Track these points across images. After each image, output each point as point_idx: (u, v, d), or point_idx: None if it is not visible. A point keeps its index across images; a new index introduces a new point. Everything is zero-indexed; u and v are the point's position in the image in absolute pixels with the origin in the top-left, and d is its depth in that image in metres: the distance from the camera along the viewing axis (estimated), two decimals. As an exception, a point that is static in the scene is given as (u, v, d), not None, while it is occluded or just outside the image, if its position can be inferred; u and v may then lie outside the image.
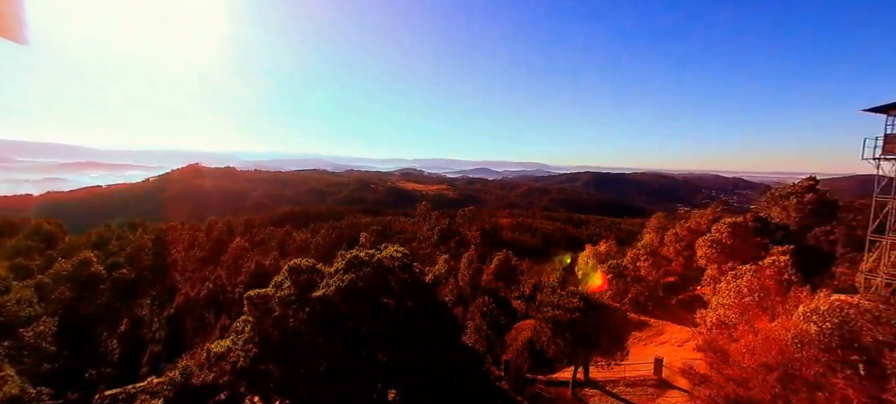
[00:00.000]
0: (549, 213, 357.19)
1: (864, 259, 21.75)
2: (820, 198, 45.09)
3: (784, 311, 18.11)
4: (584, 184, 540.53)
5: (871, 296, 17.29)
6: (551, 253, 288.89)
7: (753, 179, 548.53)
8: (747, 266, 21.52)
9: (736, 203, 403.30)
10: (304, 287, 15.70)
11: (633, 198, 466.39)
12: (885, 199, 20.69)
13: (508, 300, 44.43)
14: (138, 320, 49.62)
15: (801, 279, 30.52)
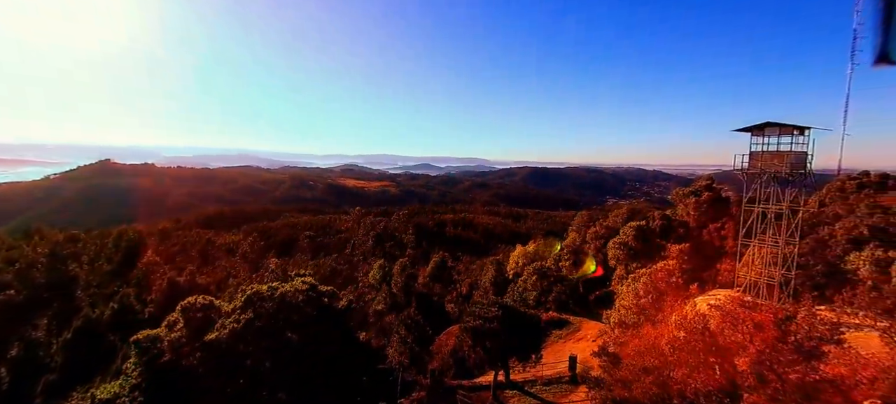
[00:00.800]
0: (490, 208, 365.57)
1: (737, 260, 25.01)
2: (714, 196, 50.57)
3: (672, 313, 20.25)
4: (523, 178, 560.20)
5: (736, 298, 19.93)
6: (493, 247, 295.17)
7: (670, 171, 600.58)
8: (644, 269, 23.72)
9: (656, 193, 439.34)
10: (199, 328, 14.88)
11: (569, 191, 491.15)
12: (750, 209, 23.90)
13: (442, 304, 45.29)
14: (32, 344, 44.37)
15: (689, 277, 34.29)
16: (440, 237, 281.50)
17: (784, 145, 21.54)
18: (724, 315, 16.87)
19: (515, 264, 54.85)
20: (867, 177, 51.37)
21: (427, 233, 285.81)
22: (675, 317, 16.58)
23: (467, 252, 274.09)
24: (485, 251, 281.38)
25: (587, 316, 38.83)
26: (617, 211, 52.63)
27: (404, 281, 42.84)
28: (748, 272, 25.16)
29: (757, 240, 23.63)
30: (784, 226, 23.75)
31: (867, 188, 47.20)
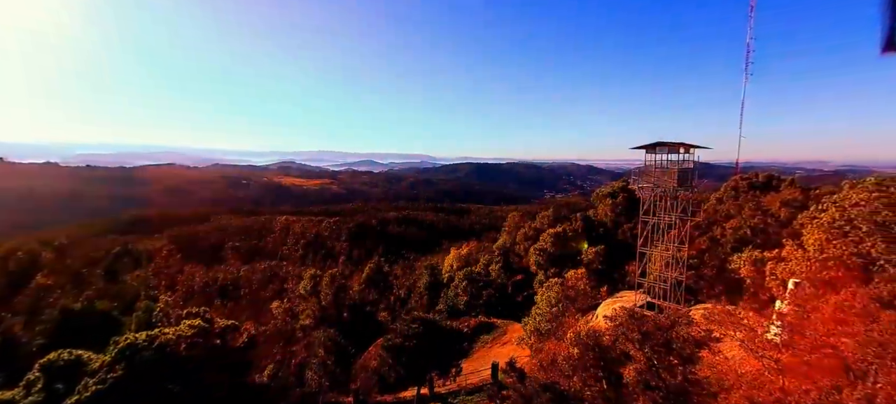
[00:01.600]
0: (434, 205, 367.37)
1: (638, 266, 27.15)
2: (630, 196, 54.41)
3: (573, 326, 21.36)
4: (466, 174, 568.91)
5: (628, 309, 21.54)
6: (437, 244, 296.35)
7: (601, 166, 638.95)
8: (556, 279, 24.85)
9: (588, 187, 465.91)
10: (59, 392, 13.17)
11: (510, 186, 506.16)
12: (646, 220, 26.04)
13: (375, 313, 44.71)
14: None
15: (602, 279, 36.61)
16: (384, 235, 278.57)
17: (673, 163, 23.64)
18: (616, 327, 18.10)
19: (450, 267, 55.49)
20: (756, 177, 57.56)
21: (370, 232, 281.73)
22: (571, 334, 17.58)
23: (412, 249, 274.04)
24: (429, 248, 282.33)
25: (514, 318, 40.24)
26: (544, 213, 54.81)
27: (334, 292, 41.72)
28: (649, 275, 27.35)
29: (653, 247, 25.71)
30: (676, 234, 26.06)
31: (756, 188, 52.91)
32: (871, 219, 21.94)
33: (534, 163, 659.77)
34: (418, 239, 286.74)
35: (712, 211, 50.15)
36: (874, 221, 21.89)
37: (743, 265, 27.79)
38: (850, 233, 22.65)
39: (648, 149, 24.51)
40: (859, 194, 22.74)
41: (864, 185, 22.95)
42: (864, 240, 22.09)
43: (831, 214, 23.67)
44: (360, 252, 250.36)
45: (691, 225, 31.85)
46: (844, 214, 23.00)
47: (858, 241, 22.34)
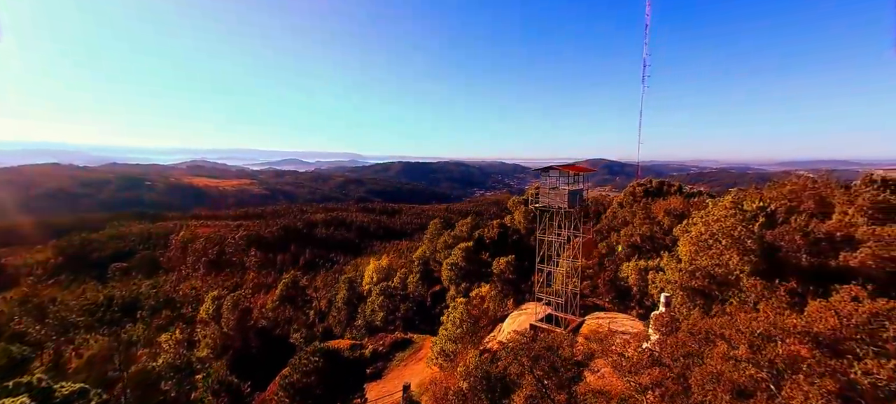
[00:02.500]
0: (364, 205, 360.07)
1: (535, 283, 28.58)
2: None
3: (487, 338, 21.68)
4: (397, 173, 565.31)
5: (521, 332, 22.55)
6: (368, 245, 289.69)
7: (526, 165, 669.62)
8: (461, 299, 25.13)
9: (515, 185, 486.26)
10: None
11: (441, 184, 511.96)
12: (542, 238, 27.48)
13: (287, 335, 42.30)
14: None
15: (511, 289, 38.02)
16: (310, 239, 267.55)
17: (563, 185, 25.15)
18: (508, 353, 18.63)
19: (370, 279, 54.32)
20: (650, 183, 63.22)
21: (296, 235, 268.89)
22: (461, 368, 17.86)
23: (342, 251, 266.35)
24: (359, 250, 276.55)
25: (433, 332, 40.42)
26: (463, 221, 55.83)
27: (238, 316, 38.64)
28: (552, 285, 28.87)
29: (551, 262, 27.12)
30: (571, 248, 27.74)
31: (649, 195, 58.05)
32: (728, 234, 24.95)
33: (464, 162, 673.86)
34: (348, 241, 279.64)
35: (612, 216, 54.29)
36: (731, 236, 24.91)
37: (631, 274, 30.30)
38: (713, 247, 25.57)
39: (541, 173, 25.85)
40: (719, 211, 25.75)
41: (723, 203, 26.05)
42: (724, 252, 25.07)
43: (698, 229, 26.53)
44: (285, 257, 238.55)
45: (583, 240, 34.02)
46: (709, 229, 25.89)
47: (719, 254, 25.30)
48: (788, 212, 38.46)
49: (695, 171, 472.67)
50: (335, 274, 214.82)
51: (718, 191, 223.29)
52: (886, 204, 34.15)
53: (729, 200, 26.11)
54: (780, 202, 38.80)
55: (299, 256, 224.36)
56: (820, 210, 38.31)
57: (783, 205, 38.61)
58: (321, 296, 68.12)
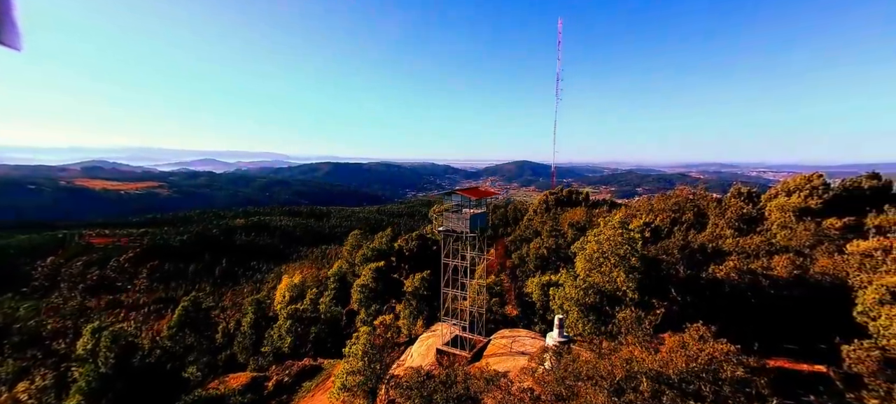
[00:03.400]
0: (290, 208, 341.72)
1: (442, 304, 28.32)
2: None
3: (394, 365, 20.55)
4: (325, 174, 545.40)
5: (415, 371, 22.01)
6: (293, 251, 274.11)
7: (457, 166, 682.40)
8: (365, 328, 23.90)
9: (446, 185, 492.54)
10: None
11: (372, 185, 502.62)
12: (447, 261, 27.30)
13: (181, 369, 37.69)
14: None
15: (422, 310, 37.51)
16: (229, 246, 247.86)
17: (466, 209, 25.08)
18: (402, 392, 17.81)
19: (282, 298, 50.85)
20: (561, 191, 66.32)
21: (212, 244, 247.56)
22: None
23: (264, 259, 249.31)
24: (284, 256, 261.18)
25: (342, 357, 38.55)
26: (382, 233, 54.32)
27: (119, 353, 33.73)
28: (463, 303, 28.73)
29: (456, 285, 26.93)
30: (485, 260, 27.81)
31: (561, 204, 60.78)
32: (616, 253, 26.41)
33: (395, 163, 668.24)
34: (271, 247, 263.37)
35: (527, 225, 56.05)
36: (618, 255, 26.39)
37: (534, 289, 31.13)
38: (603, 265, 26.93)
39: (445, 197, 25.60)
40: (608, 231, 27.20)
41: (612, 222, 27.59)
42: (613, 270, 26.49)
43: (592, 247, 27.83)
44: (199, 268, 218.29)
45: (494, 253, 34.39)
46: (600, 247, 27.24)
47: (609, 271, 26.70)
48: (673, 222, 42.18)
49: (608, 172, 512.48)
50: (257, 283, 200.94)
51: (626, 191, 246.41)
52: (748, 215, 38.70)
53: (617, 219, 27.67)
54: (667, 214, 42.47)
55: (215, 266, 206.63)
56: (699, 220, 42.56)
57: (669, 216, 42.28)
58: (230, 317, 62.76)
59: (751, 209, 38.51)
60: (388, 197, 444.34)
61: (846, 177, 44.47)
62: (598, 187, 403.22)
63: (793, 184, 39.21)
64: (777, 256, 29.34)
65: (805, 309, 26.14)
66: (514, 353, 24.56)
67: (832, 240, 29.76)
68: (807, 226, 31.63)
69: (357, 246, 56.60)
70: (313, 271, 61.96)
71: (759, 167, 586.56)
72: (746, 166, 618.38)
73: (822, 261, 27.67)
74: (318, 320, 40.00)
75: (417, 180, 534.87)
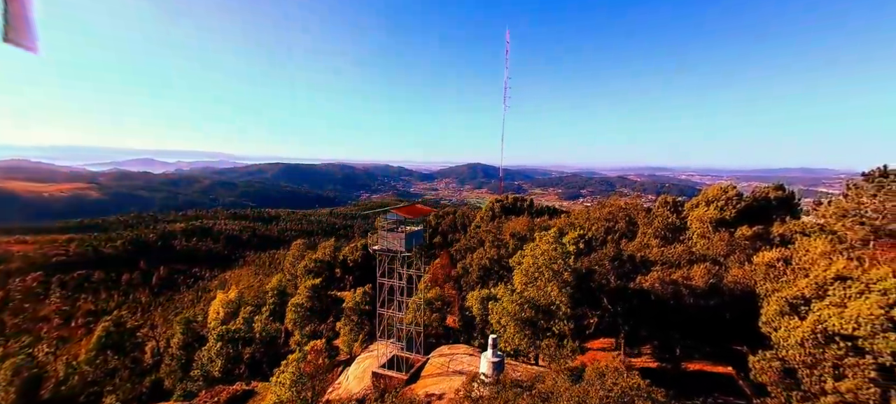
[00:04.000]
0: (236, 211, 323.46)
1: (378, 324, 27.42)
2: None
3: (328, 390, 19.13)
4: (275, 175, 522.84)
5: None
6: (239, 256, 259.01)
7: (411, 168, 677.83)
8: (295, 355, 22.40)
9: (401, 187, 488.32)
10: None
11: (324, 187, 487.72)
12: (382, 281, 26.41)
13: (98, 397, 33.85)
14: None
15: (362, 326, 36.24)
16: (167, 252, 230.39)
17: (403, 228, 24.32)
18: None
19: (216, 316, 47.22)
20: (507, 198, 67.06)
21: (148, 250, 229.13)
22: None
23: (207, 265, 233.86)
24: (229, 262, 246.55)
25: (277, 379, 36.24)
26: (325, 243, 52.20)
27: (21, 388, 29.42)
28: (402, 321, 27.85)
29: (392, 306, 26.06)
30: (430, 270, 27.12)
31: (506, 212, 61.32)
32: (550, 267, 26.65)
33: (349, 164, 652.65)
34: (215, 253, 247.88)
35: (473, 232, 56.01)
36: (552, 269, 26.64)
37: (474, 303, 30.85)
38: (538, 279, 27.10)
39: (380, 215, 24.71)
40: (543, 245, 27.43)
41: (547, 237, 27.87)
42: (546, 285, 26.71)
43: (528, 261, 27.93)
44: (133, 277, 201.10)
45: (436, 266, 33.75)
46: (535, 262, 27.38)
47: (544, 286, 26.90)
48: (607, 232, 43.68)
49: (556, 175, 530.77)
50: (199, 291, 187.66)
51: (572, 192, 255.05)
52: (673, 225, 40.81)
53: (552, 234, 27.98)
54: (601, 224, 43.94)
55: (151, 274, 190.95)
56: (630, 229, 44.40)
57: (603, 226, 43.76)
58: (161, 334, 57.93)
59: (675, 219, 40.69)
60: (341, 199, 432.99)
61: (758, 187, 48.30)
62: (546, 189, 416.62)
63: (711, 194, 41.85)
64: (696, 265, 31.02)
65: (721, 315, 27.79)
66: (450, 373, 24.04)
67: (743, 250, 31.92)
68: (722, 236, 33.76)
69: (300, 256, 53.98)
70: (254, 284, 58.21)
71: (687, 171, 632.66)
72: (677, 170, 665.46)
73: (734, 271, 29.56)
74: (252, 340, 37.16)
75: (372, 182, 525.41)
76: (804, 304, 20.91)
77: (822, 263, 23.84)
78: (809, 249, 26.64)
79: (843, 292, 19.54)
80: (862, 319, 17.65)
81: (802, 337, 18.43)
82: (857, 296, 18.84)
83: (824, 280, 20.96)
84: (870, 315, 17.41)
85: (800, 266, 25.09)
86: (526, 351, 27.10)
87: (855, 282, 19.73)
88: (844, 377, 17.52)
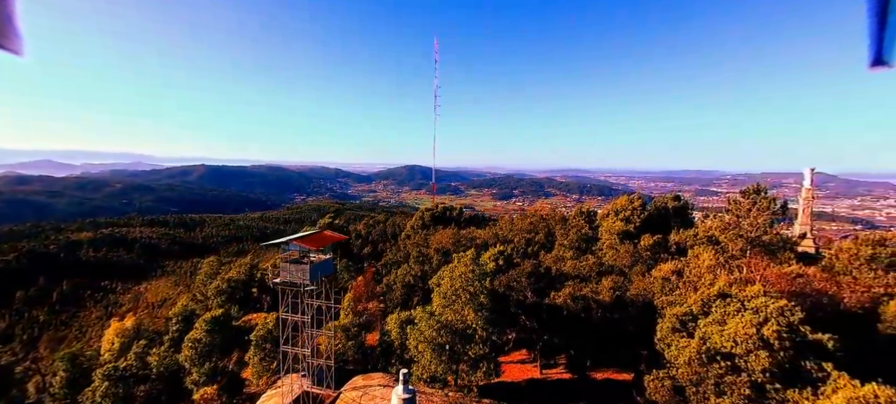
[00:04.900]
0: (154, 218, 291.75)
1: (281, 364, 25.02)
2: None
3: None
4: (200, 178, 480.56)
5: None
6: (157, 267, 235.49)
7: (349, 170, 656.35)
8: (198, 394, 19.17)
9: (338, 189, 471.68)
10: None
11: (254, 190, 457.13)
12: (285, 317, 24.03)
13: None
14: None
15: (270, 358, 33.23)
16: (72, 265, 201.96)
17: (308, 258, 22.11)
18: None
19: (110, 346, 40.94)
20: (437, 208, 66.05)
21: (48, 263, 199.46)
22: None
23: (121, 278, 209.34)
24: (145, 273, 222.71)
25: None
26: (241, 260, 47.59)
27: None
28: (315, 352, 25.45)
29: (299, 338, 23.70)
30: (325, 319, 24.97)
31: (436, 221, 60.26)
32: (467, 290, 25.82)
33: (282, 167, 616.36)
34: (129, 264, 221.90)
35: (403, 244, 54.24)
36: (469, 291, 25.82)
37: (393, 328, 29.26)
38: (455, 303, 26.16)
39: (281, 248, 22.24)
40: (461, 267, 26.56)
41: (465, 259, 27.07)
42: (463, 309, 25.84)
43: (446, 283, 26.90)
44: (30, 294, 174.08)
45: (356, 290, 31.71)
46: (453, 284, 26.41)
47: (459, 309, 26.00)
48: (527, 243, 44.17)
49: (490, 176, 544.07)
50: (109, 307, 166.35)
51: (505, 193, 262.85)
52: (586, 236, 42.17)
53: (469, 256, 27.21)
54: (522, 236, 44.41)
55: (52, 290, 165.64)
56: (549, 240, 45.35)
57: (524, 238, 44.23)
58: (46, 369, 49.62)
59: (588, 229, 42.21)
60: (274, 202, 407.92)
61: (660, 197, 51.74)
62: (481, 190, 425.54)
63: (620, 205, 43.96)
64: (605, 278, 32.04)
65: (625, 327, 28.80)
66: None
67: (644, 262, 33.60)
68: (627, 247, 35.33)
69: (211, 275, 48.72)
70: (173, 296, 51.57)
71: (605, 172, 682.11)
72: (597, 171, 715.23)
73: (637, 282, 30.88)
74: (147, 377, 32.11)
75: (306, 184, 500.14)
76: (692, 321, 22.04)
77: (707, 278, 25.49)
78: (699, 263, 28.50)
79: (724, 309, 20.80)
80: (738, 338, 18.79)
81: (689, 357, 19.23)
82: (735, 313, 20.11)
83: (709, 297, 22.23)
84: (744, 334, 18.58)
85: (689, 279, 26.67)
86: (444, 376, 26.02)
87: (733, 299, 21.10)
88: (724, 394, 18.52)
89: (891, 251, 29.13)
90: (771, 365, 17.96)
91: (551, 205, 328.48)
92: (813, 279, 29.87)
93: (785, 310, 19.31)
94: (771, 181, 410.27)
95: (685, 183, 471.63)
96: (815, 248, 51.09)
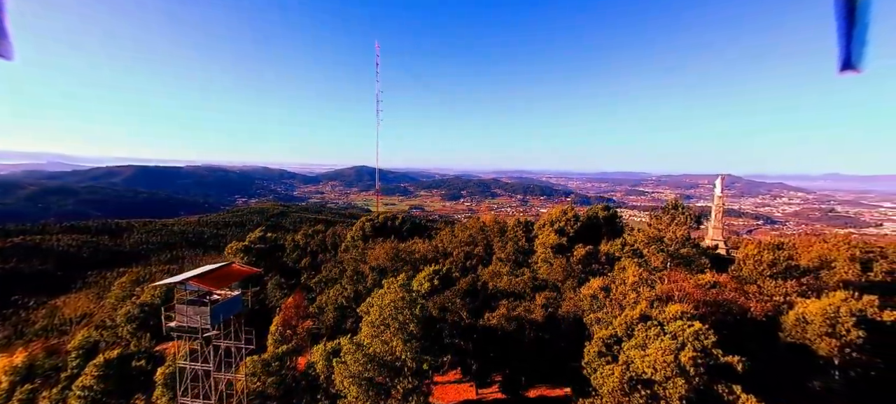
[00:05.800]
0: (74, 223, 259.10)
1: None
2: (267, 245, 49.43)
3: None
4: (128, 179, 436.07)
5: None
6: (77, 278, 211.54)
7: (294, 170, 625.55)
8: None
9: (282, 190, 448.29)
10: None
11: (191, 191, 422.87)
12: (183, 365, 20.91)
13: None
14: None
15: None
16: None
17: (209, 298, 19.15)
18: None
19: None
20: (377, 217, 63.33)
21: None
22: None
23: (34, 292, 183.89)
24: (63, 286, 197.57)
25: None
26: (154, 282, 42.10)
27: None
28: None
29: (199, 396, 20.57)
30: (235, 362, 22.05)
31: (377, 232, 57.58)
32: (396, 318, 23.92)
33: (222, 167, 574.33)
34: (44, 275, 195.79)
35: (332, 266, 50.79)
36: (398, 320, 23.93)
37: (319, 360, 26.72)
38: (384, 333, 24.17)
39: (179, 288, 19.07)
40: (391, 295, 24.63)
41: (394, 286, 25.19)
42: (392, 339, 23.93)
43: (375, 312, 24.81)
44: None
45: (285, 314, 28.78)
46: (381, 313, 24.39)
47: (389, 340, 24.04)
48: (467, 257, 43.03)
49: (438, 177, 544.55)
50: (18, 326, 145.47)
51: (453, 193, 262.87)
52: (523, 248, 41.81)
53: (400, 280, 25.42)
54: (462, 249, 43.23)
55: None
56: (487, 253, 44.57)
57: (463, 251, 43.06)
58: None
59: (524, 242, 41.96)
60: (212, 205, 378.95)
61: (592, 208, 52.94)
62: (431, 190, 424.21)
63: (555, 215, 44.22)
64: (538, 294, 31.62)
65: (557, 345, 28.45)
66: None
67: (575, 276, 33.67)
68: (560, 262, 35.29)
69: (123, 298, 42.79)
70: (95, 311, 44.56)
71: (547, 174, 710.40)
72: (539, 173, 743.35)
73: (568, 298, 30.74)
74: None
75: (249, 185, 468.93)
76: (617, 344, 21.91)
77: (631, 296, 25.73)
78: (625, 277, 28.81)
79: (645, 333, 20.79)
80: (657, 365, 18.71)
81: (612, 386, 18.88)
82: (655, 338, 20.13)
83: (632, 319, 22.22)
84: (663, 361, 18.53)
85: (615, 297, 26.81)
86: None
87: (653, 322, 21.20)
88: (645, 423, 18.35)
89: (787, 254, 31.24)
90: (687, 392, 18.01)
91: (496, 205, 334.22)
92: (725, 287, 31.44)
93: (700, 334, 19.55)
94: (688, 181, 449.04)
95: (617, 183, 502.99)
96: (726, 250, 55.14)
